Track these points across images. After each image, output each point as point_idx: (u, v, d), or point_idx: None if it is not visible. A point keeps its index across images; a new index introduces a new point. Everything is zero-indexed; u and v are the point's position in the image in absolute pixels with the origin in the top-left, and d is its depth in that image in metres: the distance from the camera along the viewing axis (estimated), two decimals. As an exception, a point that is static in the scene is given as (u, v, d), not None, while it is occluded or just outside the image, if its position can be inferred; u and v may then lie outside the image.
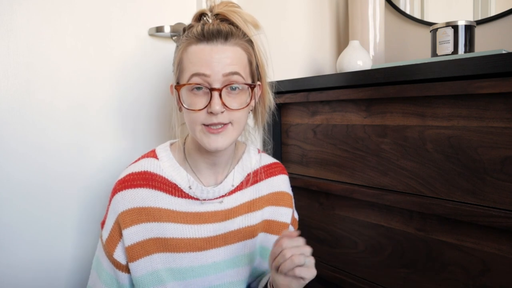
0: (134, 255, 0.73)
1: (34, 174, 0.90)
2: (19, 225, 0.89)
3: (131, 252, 0.73)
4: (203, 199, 0.77)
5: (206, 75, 0.68)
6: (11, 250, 0.88)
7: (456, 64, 0.74)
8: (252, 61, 0.74)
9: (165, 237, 0.75)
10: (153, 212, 0.74)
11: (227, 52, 0.69)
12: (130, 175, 0.75)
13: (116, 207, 0.73)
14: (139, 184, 0.74)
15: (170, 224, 0.75)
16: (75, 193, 0.96)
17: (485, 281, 0.74)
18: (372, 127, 0.92)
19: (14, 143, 0.87)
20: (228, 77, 0.69)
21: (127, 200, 0.73)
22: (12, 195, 0.88)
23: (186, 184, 0.76)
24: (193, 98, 0.69)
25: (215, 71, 0.68)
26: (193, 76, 0.69)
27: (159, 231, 0.74)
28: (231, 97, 0.70)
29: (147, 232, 0.74)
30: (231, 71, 0.69)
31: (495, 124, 0.71)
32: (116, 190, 0.74)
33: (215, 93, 0.68)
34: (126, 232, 0.73)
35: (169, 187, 0.75)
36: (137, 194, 0.73)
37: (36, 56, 0.89)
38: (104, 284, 0.76)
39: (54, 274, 0.94)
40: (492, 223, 0.71)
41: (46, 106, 0.91)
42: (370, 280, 0.94)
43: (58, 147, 0.93)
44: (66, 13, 0.92)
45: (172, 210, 0.75)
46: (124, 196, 0.73)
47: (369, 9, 1.31)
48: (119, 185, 0.74)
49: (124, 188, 0.74)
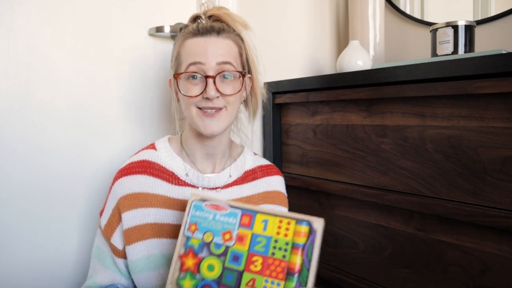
0: (131, 238, 0.76)
1: (34, 174, 0.90)
2: (19, 225, 0.89)
3: (128, 235, 0.76)
4: (200, 186, 0.81)
5: (202, 63, 0.75)
6: (11, 250, 0.88)
7: (456, 64, 0.74)
8: (242, 53, 0.82)
9: (161, 222, 0.77)
10: (150, 198, 0.78)
11: (220, 44, 0.77)
12: (130, 164, 0.81)
13: (116, 193, 0.78)
14: (138, 171, 0.79)
15: (166, 211, 0.78)
16: (75, 193, 0.96)
17: (485, 281, 0.74)
18: (372, 127, 0.92)
19: (14, 143, 0.87)
20: (221, 66, 0.76)
21: (127, 186, 0.78)
22: (12, 195, 0.88)
23: (183, 172, 0.81)
24: (189, 86, 0.76)
25: (210, 60, 0.75)
26: (190, 65, 0.76)
27: (156, 217, 0.77)
28: (224, 84, 0.77)
29: (144, 217, 0.77)
30: (224, 61, 0.76)
31: (495, 124, 0.71)
32: (117, 178, 0.80)
33: (209, 80, 0.75)
34: (125, 215, 0.76)
35: (167, 175, 0.80)
36: (136, 180, 0.78)
37: (36, 56, 0.89)
38: (108, 269, 0.78)
39: (54, 274, 0.94)
40: (492, 223, 0.71)
41: (46, 106, 0.91)
42: (370, 280, 0.94)
43: (58, 147, 0.93)
44: (66, 13, 0.92)
45: (169, 197, 0.79)
46: (124, 182, 0.78)
47: (369, 9, 1.31)
48: (120, 173, 0.80)
49: (124, 175, 0.79)
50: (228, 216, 0.67)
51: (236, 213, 0.67)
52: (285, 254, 0.64)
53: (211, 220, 0.68)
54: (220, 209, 0.68)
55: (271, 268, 0.64)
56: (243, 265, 0.65)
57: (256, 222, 0.66)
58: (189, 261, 0.67)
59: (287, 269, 0.63)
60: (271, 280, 0.63)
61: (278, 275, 0.63)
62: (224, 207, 0.68)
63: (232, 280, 0.64)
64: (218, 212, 0.68)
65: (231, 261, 0.65)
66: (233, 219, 0.67)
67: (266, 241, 0.65)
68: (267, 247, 0.65)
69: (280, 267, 0.63)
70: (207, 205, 0.69)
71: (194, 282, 0.65)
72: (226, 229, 0.67)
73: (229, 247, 0.66)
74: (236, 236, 0.66)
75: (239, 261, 0.65)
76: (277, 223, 0.65)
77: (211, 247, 0.66)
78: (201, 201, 0.70)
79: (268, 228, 0.65)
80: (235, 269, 0.65)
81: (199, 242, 0.67)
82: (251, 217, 0.67)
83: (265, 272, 0.64)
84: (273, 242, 0.65)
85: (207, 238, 0.67)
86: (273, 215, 0.66)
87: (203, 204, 0.69)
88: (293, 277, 0.63)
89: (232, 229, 0.67)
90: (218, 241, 0.67)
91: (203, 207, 0.69)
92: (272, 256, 0.64)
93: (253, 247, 0.65)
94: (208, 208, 0.69)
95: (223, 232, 0.67)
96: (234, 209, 0.68)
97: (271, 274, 0.63)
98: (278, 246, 0.64)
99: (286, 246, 0.64)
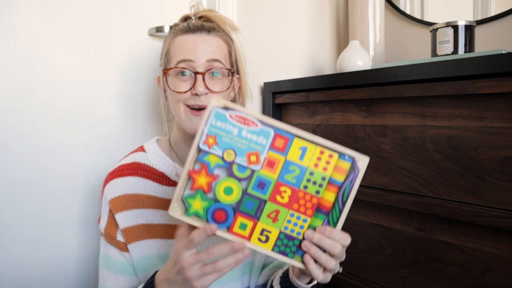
0: (129, 238, 0.76)
1: (34, 174, 0.90)
2: (19, 225, 0.89)
3: (125, 235, 0.76)
4: None
5: (192, 61, 0.75)
6: (11, 250, 0.88)
7: (456, 64, 0.74)
8: (232, 53, 0.82)
9: (153, 223, 0.77)
10: (142, 199, 0.77)
11: (210, 41, 0.78)
12: (120, 167, 0.80)
13: (107, 195, 0.78)
14: (128, 173, 0.79)
15: (158, 211, 0.77)
16: (75, 193, 0.96)
17: (485, 281, 0.74)
18: (372, 127, 0.92)
19: (14, 143, 0.87)
20: (211, 63, 0.76)
21: (118, 188, 0.77)
22: (12, 195, 0.88)
23: (173, 172, 0.80)
24: (178, 82, 0.76)
25: (199, 57, 0.75)
26: (180, 62, 0.76)
27: (148, 218, 0.77)
28: (213, 81, 0.77)
29: (137, 218, 0.76)
30: (213, 58, 0.76)
31: (495, 124, 0.71)
32: (107, 180, 0.79)
33: (199, 76, 0.75)
34: (118, 217, 0.76)
35: (157, 176, 0.80)
36: (127, 181, 0.78)
37: (36, 56, 0.89)
38: (119, 274, 0.77)
39: (55, 274, 0.94)
40: (492, 223, 0.71)
41: (46, 106, 0.91)
42: (370, 280, 0.94)
43: (58, 147, 0.93)
44: (66, 13, 0.92)
45: (160, 198, 0.78)
46: (114, 184, 0.78)
47: (369, 9, 1.31)
48: (109, 176, 0.79)
49: (114, 177, 0.78)
50: (258, 134, 0.56)
51: (268, 132, 0.56)
52: (319, 190, 0.56)
53: (235, 136, 0.55)
54: (248, 124, 0.56)
55: (300, 202, 0.57)
56: (269, 194, 0.56)
57: (292, 148, 0.56)
58: (201, 179, 0.56)
59: (317, 206, 0.57)
60: (297, 215, 0.57)
61: (307, 211, 0.57)
62: (254, 122, 0.56)
63: (252, 208, 0.57)
64: (245, 127, 0.56)
65: (255, 187, 0.56)
66: (263, 139, 0.56)
67: (299, 171, 0.56)
68: (299, 179, 0.56)
69: (310, 202, 0.57)
70: (232, 116, 0.56)
71: (205, 203, 0.56)
72: (253, 149, 0.56)
73: (255, 171, 0.56)
74: (265, 160, 0.56)
75: (265, 189, 0.56)
76: (317, 153, 0.56)
77: (233, 169, 0.56)
78: (224, 109, 0.56)
79: (305, 158, 0.56)
80: (258, 197, 0.56)
81: (217, 159, 0.56)
82: (287, 140, 0.56)
83: (293, 205, 0.57)
84: (307, 174, 0.56)
85: (228, 157, 0.56)
86: (314, 143, 0.56)
87: (226, 113, 0.56)
88: (323, 214, 0.57)
89: (260, 151, 0.56)
90: (241, 162, 0.56)
91: (227, 118, 0.56)
92: (304, 190, 0.56)
93: (284, 175, 0.56)
94: (233, 120, 0.56)
95: (249, 153, 0.56)
96: (266, 127, 0.56)
97: (299, 208, 0.57)
98: (313, 179, 0.56)
99: (322, 182, 0.56)
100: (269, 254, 0.58)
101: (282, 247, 0.58)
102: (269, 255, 0.59)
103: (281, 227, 0.58)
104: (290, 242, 0.58)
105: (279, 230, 0.58)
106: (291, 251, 0.59)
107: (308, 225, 0.58)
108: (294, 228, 0.58)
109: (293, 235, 0.58)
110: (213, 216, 0.57)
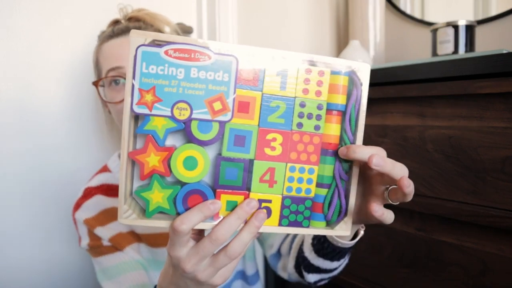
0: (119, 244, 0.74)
1: (34, 174, 0.90)
2: (18, 225, 0.89)
3: (115, 243, 0.74)
4: None
5: (120, 67, 0.69)
6: (11, 250, 0.88)
7: (456, 64, 0.74)
8: None
9: (138, 232, 0.76)
10: (113, 212, 0.75)
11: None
12: (87, 189, 0.78)
13: (80, 218, 0.75)
14: (95, 193, 0.77)
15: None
16: (75, 193, 0.96)
17: (485, 281, 0.74)
18: (372, 127, 0.92)
19: (14, 143, 0.87)
20: None
21: (90, 209, 0.75)
22: (12, 195, 0.88)
23: None
24: (113, 93, 0.71)
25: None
26: (110, 71, 0.71)
27: (126, 226, 0.76)
28: None
29: (119, 227, 0.75)
30: None
31: (495, 124, 0.71)
32: (76, 207, 0.76)
33: None
34: (97, 231, 0.74)
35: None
36: (98, 200, 0.76)
37: (36, 56, 0.89)
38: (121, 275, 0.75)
39: (55, 274, 0.94)
40: (492, 223, 0.71)
41: (46, 106, 0.91)
42: (370, 280, 0.94)
43: (58, 147, 0.93)
44: (66, 13, 0.92)
45: None
46: (87, 206, 0.76)
47: (369, 9, 1.31)
48: (78, 202, 0.77)
49: (83, 202, 0.76)
50: (215, 69, 0.38)
51: (229, 62, 0.38)
52: (319, 124, 0.42)
53: (182, 80, 0.38)
54: (197, 58, 0.38)
55: (298, 148, 0.42)
56: (253, 150, 0.41)
57: (267, 75, 0.40)
58: (151, 159, 0.39)
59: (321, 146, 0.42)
60: (299, 167, 0.42)
61: (310, 157, 0.42)
62: (203, 53, 0.38)
63: (236, 177, 0.41)
64: (194, 64, 0.38)
65: (231, 146, 0.40)
66: (224, 73, 0.39)
67: (286, 106, 0.41)
68: (288, 116, 0.41)
69: (312, 144, 0.42)
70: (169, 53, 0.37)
71: (169, 191, 0.40)
72: (213, 93, 0.39)
73: (225, 123, 0.40)
74: (234, 102, 0.39)
75: (246, 144, 0.40)
76: (302, 74, 0.40)
77: (192, 129, 0.39)
78: (155, 47, 0.37)
79: (288, 84, 0.40)
80: (240, 158, 0.41)
81: (165, 122, 0.38)
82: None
83: (290, 155, 0.42)
84: (297, 107, 0.41)
85: (181, 114, 0.38)
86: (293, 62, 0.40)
87: (160, 50, 0.37)
88: (331, 156, 0.43)
89: (224, 92, 0.39)
90: (201, 116, 0.39)
91: (162, 57, 0.37)
92: (298, 130, 0.41)
93: (266, 118, 0.40)
94: (173, 58, 0.37)
95: (209, 100, 0.39)
96: (223, 56, 0.38)
97: (300, 157, 0.42)
98: (307, 112, 0.41)
99: (320, 112, 0.42)
100: (278, 231, 0.43)
101: (292, 217, 0.43)
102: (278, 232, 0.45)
103: (282, 190, 0.43)
104: (301, 206, 0.43)
105: (281, 195, 0.43)
106: (305, 217, 0.44)
107: (317, 176, 0.43)
108: (300, 186, 0.43)
109: (301, 195, 0.43)
110: (186, 205, 0.40)
